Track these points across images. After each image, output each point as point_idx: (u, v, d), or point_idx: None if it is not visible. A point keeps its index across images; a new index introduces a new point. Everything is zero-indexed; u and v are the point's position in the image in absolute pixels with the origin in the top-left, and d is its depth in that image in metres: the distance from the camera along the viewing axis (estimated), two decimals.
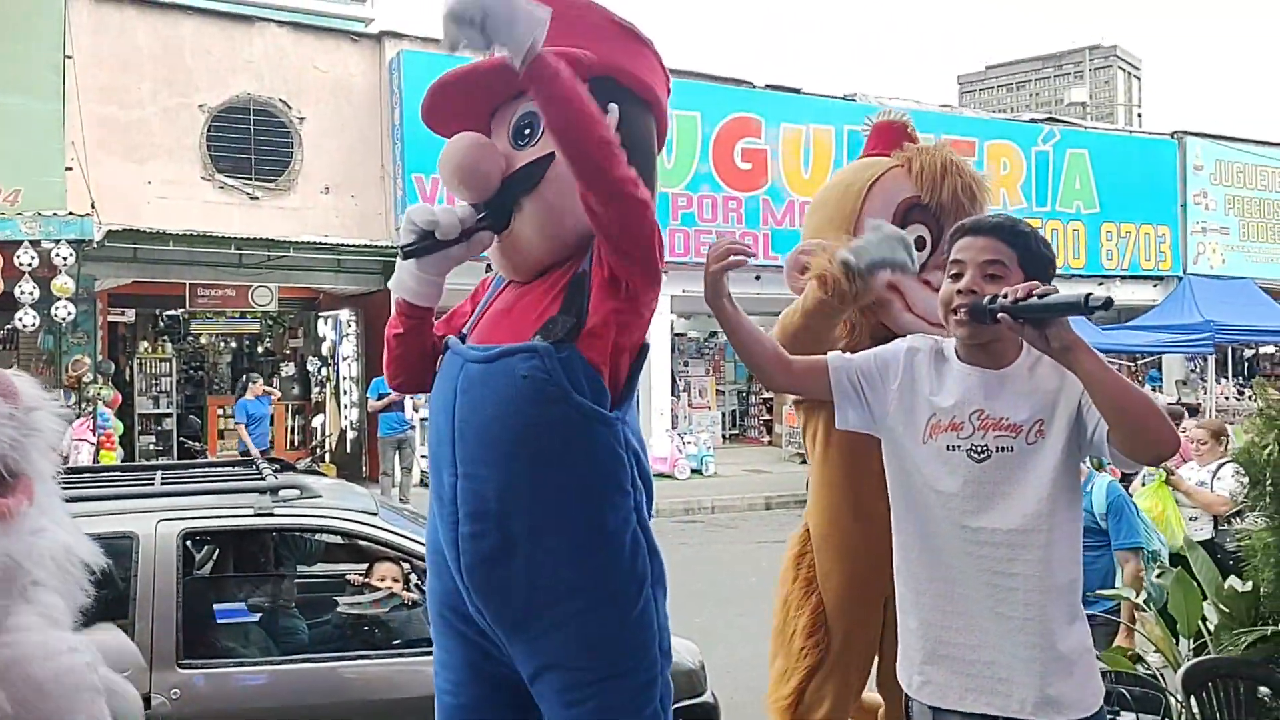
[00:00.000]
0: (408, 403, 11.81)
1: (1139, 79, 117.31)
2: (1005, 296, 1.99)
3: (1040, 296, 1.94)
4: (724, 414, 19.27)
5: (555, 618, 2.12)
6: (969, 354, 2.18)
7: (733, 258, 2.18)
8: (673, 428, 15.75)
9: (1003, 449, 2.09)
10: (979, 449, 2.11)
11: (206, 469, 4.66)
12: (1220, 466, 5.71)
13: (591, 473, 2.12)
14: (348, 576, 4.19)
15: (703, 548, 10.61)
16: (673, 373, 16.67)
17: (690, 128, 14.76)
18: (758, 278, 15.61)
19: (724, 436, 18.48)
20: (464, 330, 2.31)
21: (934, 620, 2.17)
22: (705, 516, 12.68)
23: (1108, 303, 1.93)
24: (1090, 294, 1.91)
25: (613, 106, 2.16)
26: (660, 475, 14.49)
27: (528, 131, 2.19)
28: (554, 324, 2.10)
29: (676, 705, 3.76)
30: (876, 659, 3.01)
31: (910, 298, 2.87)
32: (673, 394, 16.45)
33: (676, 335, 18.18)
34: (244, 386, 12.57)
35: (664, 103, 2.35)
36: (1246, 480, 4.35)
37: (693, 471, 15.07)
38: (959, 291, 2.12)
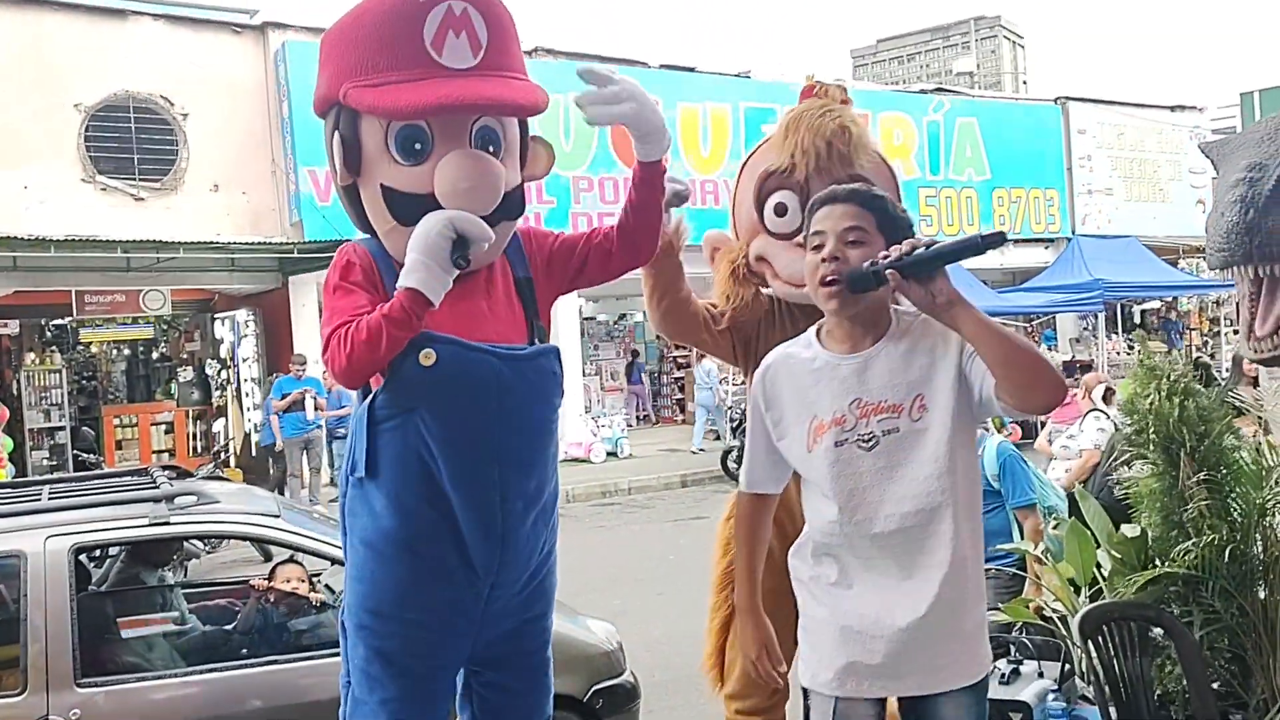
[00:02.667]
0: (309, 403, 11.59)
1: (1023, 47, 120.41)
2: (885, 258, 1.96)
3: (927, 248, 1.92)
4: (637, 396, 19.30)
5: (551, 563, 2.52)
6: (837, 335, 2.15)
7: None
8: (586, 412, 15.73)
9: (889, 432, 2.06)
10: (866, 437, 2.07)
11: (98, 481, 4.49)
12: (1085, 416, 5.98)
13: None
14: (251, 581, 4.10)
15: (620, 529, 10.63)
16: (583, 356, 16.63)
17: None
18: None
19: (637, 418, 18.55)
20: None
21: (841, 608, 2.15)
22: (622, 498, 12.71)
23: (1000, 236, 1.90)
24: (979, 234, 1.89)
25: None
26: (576, 460, 14.47)
27: (491, 149, 2.34)
28: (539, 329, 2.43)
29: (596, 687, 3.81)
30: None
31: (776, 265, 2.91)
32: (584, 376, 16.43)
33: (585, 319, 18.13)
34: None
35: None
36: (1107, 427, 4.50)
37: (608, 454, 15.09)
38: (824, 260, 2.08)
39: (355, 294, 2.29)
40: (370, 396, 2.31)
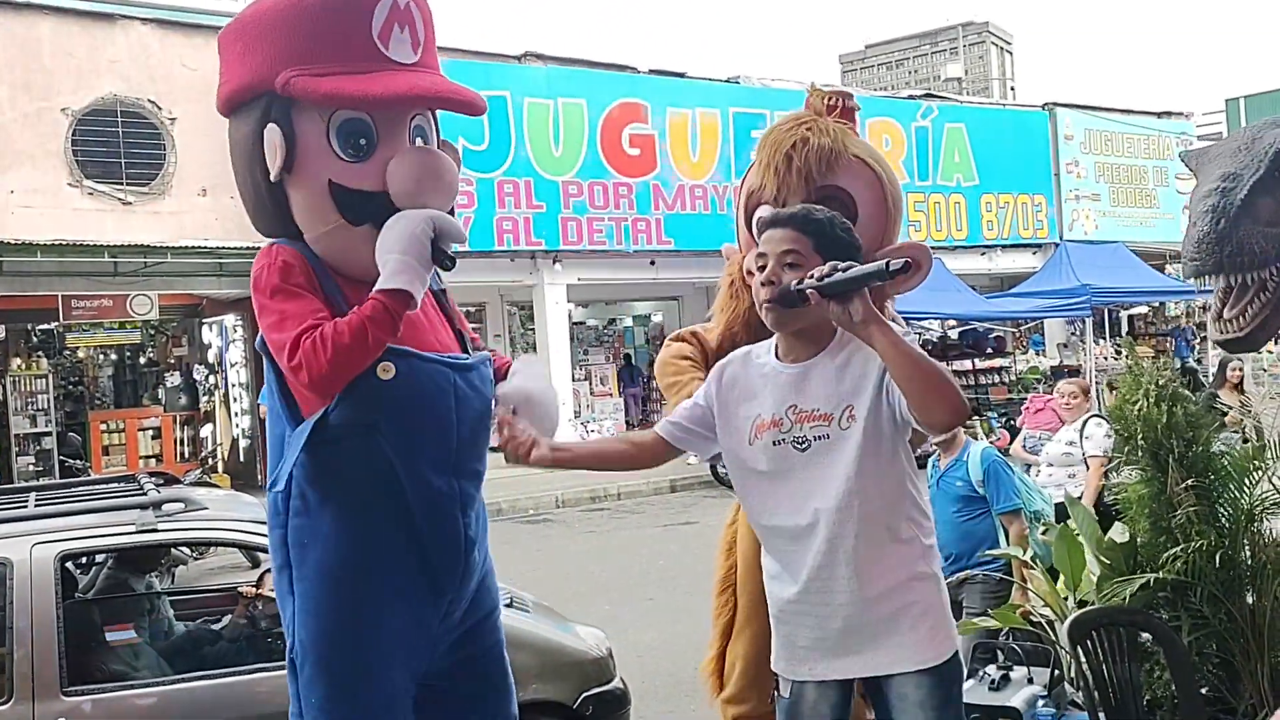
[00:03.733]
0: None
1: (1010, 53, 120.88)
2: (812, 277, 2.13)
3: (844, 271, 2.07)
4: (626, 400, 19.27)
5: (489, 561, 2.52)
6: (784, 347, 2.35)
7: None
8: (575, 417, 15.72)
9: (820, 438, 2.27)
10: (800, 440, 2.28)
11: (85, 488, 4.46)
12: (1085, 423, 5.94)
13: None
14: (240, 589, 4.08)
15: (610, 534, 10.62)
16: (572, 361, 16.62)
17: (577, 115, 14.65)
18: (652, 262, 15.63)
19: (627, 423, 18.51)
20: None
21: (774, 603, 2.39)
22: (611, 503, 12.71)
23: (906, 265, 2.07)
24: (888, 260, 2.04)
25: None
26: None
27: (422, 142, 2.34)
28: (466, 336, 2.44)
29: (586, 693, 3.80)
30: None
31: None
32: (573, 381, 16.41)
33: (575, 324, 18.12)
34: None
35: None
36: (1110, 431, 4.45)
37: None
38: (761, 283, 2.29)
39: (304, 297, 2.18)
40: (319, 415, 2.17)
